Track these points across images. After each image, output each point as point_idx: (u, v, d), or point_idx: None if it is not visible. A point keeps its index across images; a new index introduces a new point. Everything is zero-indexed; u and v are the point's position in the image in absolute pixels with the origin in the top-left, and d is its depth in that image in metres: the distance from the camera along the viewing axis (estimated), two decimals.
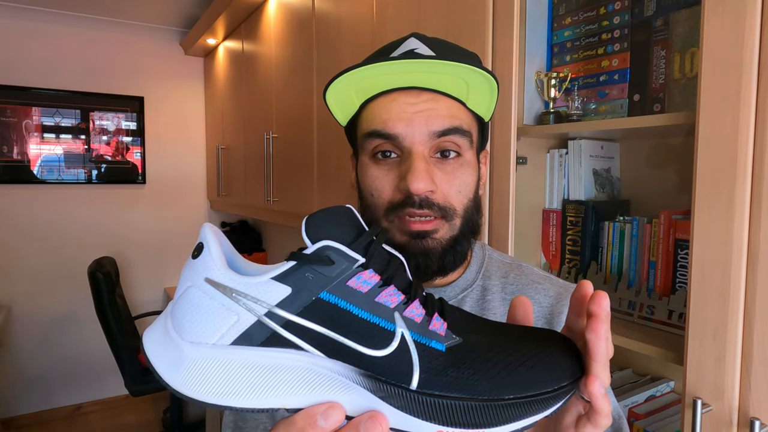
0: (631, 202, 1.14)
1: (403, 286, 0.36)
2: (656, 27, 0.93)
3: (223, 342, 0.34)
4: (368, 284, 0.35)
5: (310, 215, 0.36)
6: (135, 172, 3.19)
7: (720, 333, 0.69)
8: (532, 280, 0.66)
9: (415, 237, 0.55)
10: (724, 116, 0.68)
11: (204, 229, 0.37)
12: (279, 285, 0.34)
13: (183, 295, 0.36)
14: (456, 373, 0.33)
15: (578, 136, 1.09)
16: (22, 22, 2.85)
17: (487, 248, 0.70)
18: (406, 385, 0.33)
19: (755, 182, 0.66)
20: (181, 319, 0.35)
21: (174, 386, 0.34)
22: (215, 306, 0.34)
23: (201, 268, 0.35)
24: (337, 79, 0.53)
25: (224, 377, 0.34)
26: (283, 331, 0.34)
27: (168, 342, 0.35)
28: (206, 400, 0.34)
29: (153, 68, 3.21)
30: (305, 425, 0.33)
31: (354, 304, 0.34)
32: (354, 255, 0.35)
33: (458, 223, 0.57)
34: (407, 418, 0.33)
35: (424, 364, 0.34)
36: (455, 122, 0.56)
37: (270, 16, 2.23)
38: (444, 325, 0.36)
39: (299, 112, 1.96)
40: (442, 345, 0.35)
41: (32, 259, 2.96)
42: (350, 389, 0.34)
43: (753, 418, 0.66)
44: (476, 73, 0.53)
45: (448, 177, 0.56)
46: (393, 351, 0.34)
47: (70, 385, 3.10)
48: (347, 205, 0.38)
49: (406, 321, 0.35)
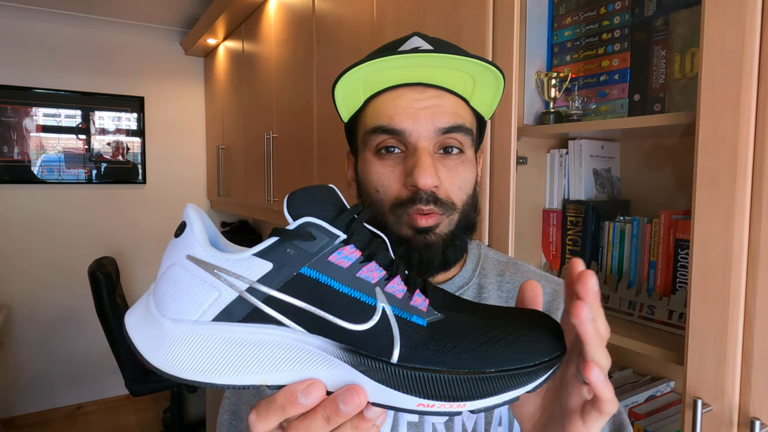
0: (631, 202, 1.14)
1: (384, 263, 0.36)
2: (656, 27, 0.93)
3: (204, 318, 0.34)
4: (349, 259, 0.35)
5: (291, 192, 0.36)
6: (135, 172, 3.19)
7: (720, 333, 0.69)
8: (529, 277, 0.67)
9: (419, 232, 0.56)
10: (724, 116, 0.68)
11: (187, 209, 0.37)
12: (260, 261, 0.34)
13: (165, 273, 0.36)
14: (436, 346, 0.33)
15: (578, 136, 1.09)
16: (22, 22, 2.85)
17: (483, 247, 0.70)
18: (387, 359, 0.33)
19: (755, 182, 0.66)
20: (163, 296, 0.35)
21: (155, 364, 0.34)
22: (197, 282, 0.34)
23: (183, 245, 0.36)
24: (349, 72, 0.53)
25: (205, 354, 0.34)
26: (265, 307, 0.34)
27: (150, 320, 0.35)
28: (187, 377, 0.34)
29: (153, 68, 3.21)
30: (286, 403, 0.34)
31: (335, 279, 0.34)
32: (335, 231, 0.35)
33: (456, 219, 0.58)
34: (388, 391, 0.34)
35: (404, 338, 0.34)
36: (459, 120, 0.56)
37: (270, 16, 2.23)
38: (426, 302, 0.36)
39: (299, 111, 1.96)
40: (423, 320, 0.35)
41: (32, 259, 2.96)
42: (331, 364, 0.34)
43: (753, 418, 0.66)
44: (485, 68, 0.54)
45: (451, 173, 0.57)
46: (374, 325, 0.34)
47: (70, 385, 3.10)
48: (330, 185, 0.38)
49: (387, 296, 0.35)
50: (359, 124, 0.60)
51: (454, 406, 0.33)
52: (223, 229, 3.38)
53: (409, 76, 0.55)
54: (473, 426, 0.57)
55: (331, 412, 0.33)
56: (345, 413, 0.33)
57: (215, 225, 3.62)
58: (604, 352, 0.35)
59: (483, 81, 0.56)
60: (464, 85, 0.57)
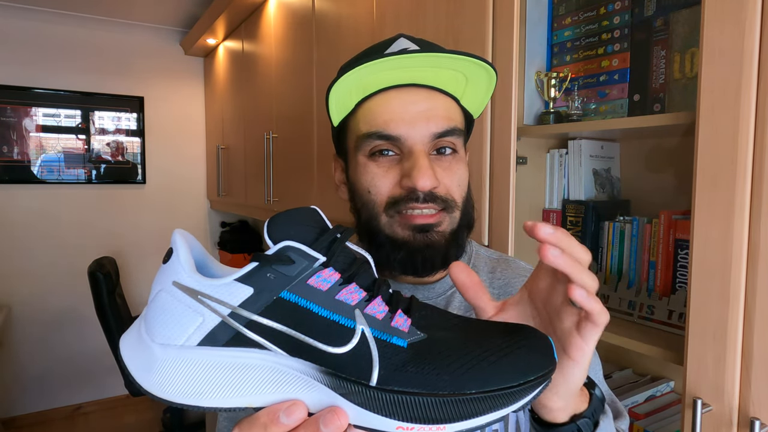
0: (631, 202, 1.14)
1: (366, 284, 0.37)
2: (656, 27, 0.93)
3: (190, 343, 0.35)
4: (328, 282, 0.35)
5: (272, 216, 0.37)
6: (135, 172, 3.19)
7: (720, 333, 0.69)
8: (519, 273, 0.67)
9: (419, 231, 0.55)
10: (724, 116, 0.68)
11: (174, 235, 0.38)
12: (242, 286, 0.35)
13: (154, 299, 0.36)
14: (416, 368, 0.33)
15: (578, 136, 1.09)
16: (22, 22, 2.85)
17: (474, 244, 0.70)
18: (366, 382, 0.33)
19: (755, 182, 0.66)
20: (153, 321, 0.36)
21: (146, 387, 0.35)
22: (182, 308, 0.35)
23: (170, 272, 0.36)
24: (344, 77, 0.53)
25: (191, 378, 0.35)
26: (246, 331, 0.34)
27: (141, 345, 0.36)
28: (175, 400, 0.34)
29: (153, 68, 3.20)
30: (268, 422, 0.34)
31: (314, 303, 0.35)
32: (314, 254, 0.35)
33: (458, 216, 0.58)
34: (368, 414, 0.33)
35: (384, 360, 0.34)
36: (452, 123, 0.57)
37: (270, 16, 2.23)
38: (408, 322, 0.36)
39: (299, 112, 1.96)
40: (404, 341, 0.35)
41: (32, 259, 2.96)
42: (312, 387, 0.34)
43: (753, 418, 0.66)
44: (478, 66, 0.54)
45: (447, 172, 0.57)
46: (353, 348, 0.34)
47: (70, 385, 3.10)
48: (313, 207, 0.38)
49: (366, 318, 0.35)
50: (350, 127, 0.60)
51: (434, 428, 0.33)
52: (223, 229, 3.38)
53: (400, 78, 0.55)
54: None
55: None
56: None
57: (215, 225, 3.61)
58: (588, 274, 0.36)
59: (475, 78, 0.56)
60: (456, 84, 0.57)
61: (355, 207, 0.60)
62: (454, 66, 0.54)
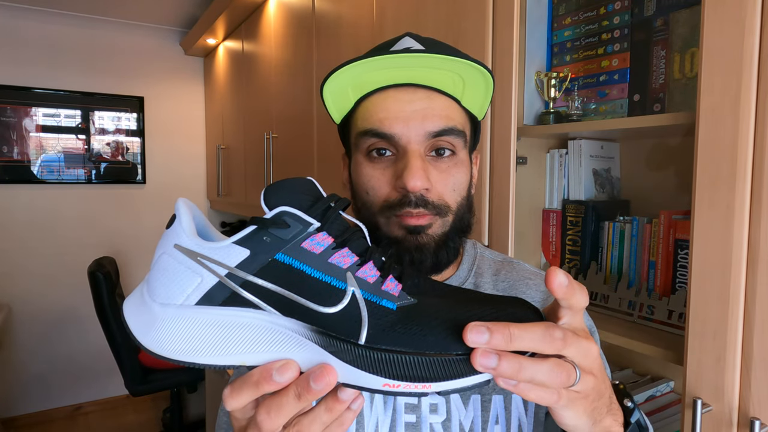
0: (631, 202, 1.14)
1: (358, 250, 0.38)
2: (656, 27, 0.93)
3: (188, 302, 0.36)
4: (321, 246, 0.37)
5: (269, 185, 0.38)
6: (135, 172, 3.19)
7: (720, 333, 0.69)
8: (523, 276, 0.67)
9: (410, 232, 0.56)
10: (724, 116, 0.68)
11: (178, 202, 0.39)
12: (239, 248, 0.36)
13: (156, 261, 0.38)
14: (403, 329, 0.35)
15: (578, 136, 1.09)
16: (22, 22, 2.85)
17: (479, 246, 0.70)
18: (355, 340, 0.35)
19: (755, 182, 0.66)
20: (154, 283, 0.38)
21: (145, 345, 0.37)
22: (182, 269, 0.37)
23: (172, 236, 0.38)
24: (336, 73, 0.53)
25: (189, 335, 0.36)
26: (242, 291, 0.36)
27: (142, 305, 0.38)
28: (173, 357, 0.36)
29: (153, 68, 3.20)
30: (260, 380, 0.35)
31: (307, 264, 0.36)
32: (309, 219, 0.37)
33: (450, 220, 0.58)
34: (356, 372, 0.35)
35: (373, 320, 0.35)
36: (450, 122, 0.56)
37: (270, 16, 2.23)
38: (398, 287, 0.37)
39: (299, 112, 1.96)
40: (393, 304, 0.36)
41: (32, 259, 2.96)
42: (304, 346, 0.36)
43: (753, 418, 0.66)
44: (473, 69, 0.54)
45: (443, 175, 0.57)
46: (343, 308, 0.35)
47: (70, 385, 3.10)
48: (309, 177, 0.40)
49: (358, 281, 0.36)
50: (351, 125, 0.60)
51: (419, 386, 0.34)
52: (223, 229, 3.38)
53: (398, 77, 0.55)
54: (470, 425, 0.57)
55: (303, 390, 0.35)
56: (316, 391, 0.34)
57: (215, 225, 3.62)
58: (558, 272, 0.35)
59: (472, 81, 0.55)
60: (454, 85, 0.56)
61: (356, 207, 0.61)
62: (447, 67, 0.54)
